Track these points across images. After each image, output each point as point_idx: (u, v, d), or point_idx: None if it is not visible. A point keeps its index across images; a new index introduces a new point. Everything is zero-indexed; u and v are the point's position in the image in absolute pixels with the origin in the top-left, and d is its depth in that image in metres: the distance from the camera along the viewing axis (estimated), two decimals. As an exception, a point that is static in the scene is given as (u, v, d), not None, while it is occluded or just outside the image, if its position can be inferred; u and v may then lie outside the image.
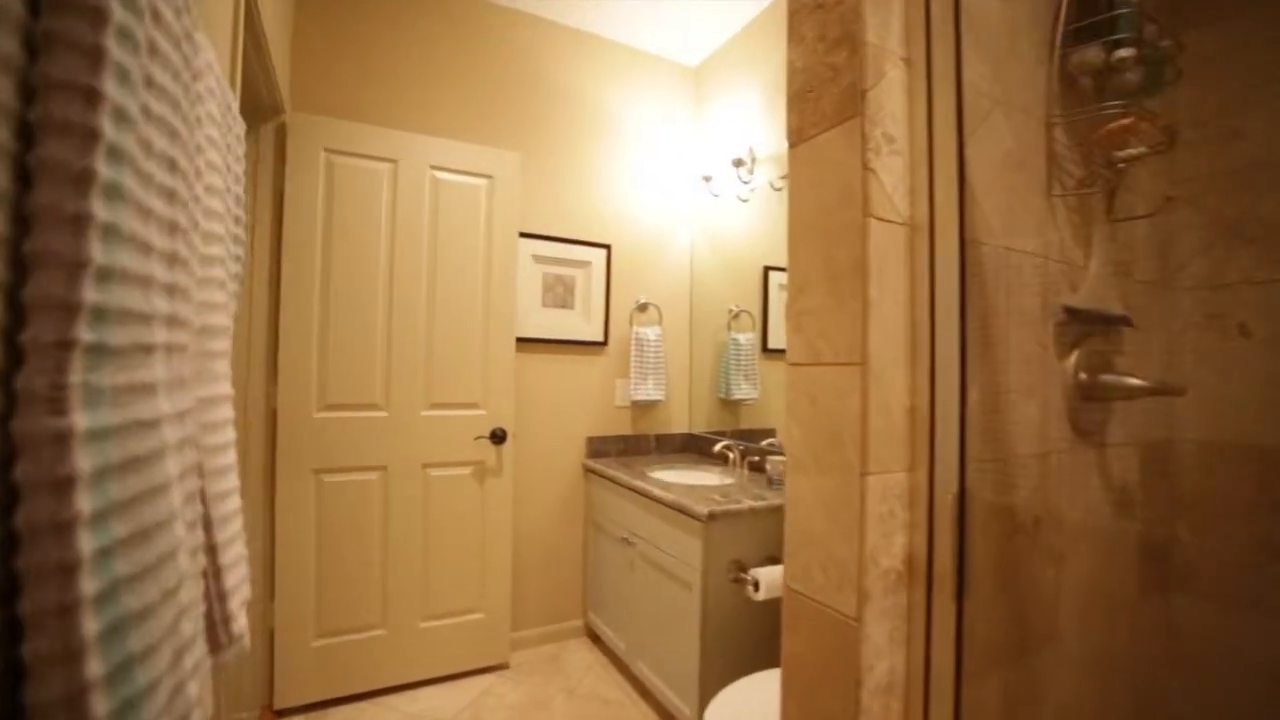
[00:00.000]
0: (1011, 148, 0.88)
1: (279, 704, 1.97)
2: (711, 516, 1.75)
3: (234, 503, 0.59)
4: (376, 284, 2.11)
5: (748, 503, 1.84)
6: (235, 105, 0.75)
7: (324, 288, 2.04)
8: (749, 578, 1.77)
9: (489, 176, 2.31)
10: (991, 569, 0.76)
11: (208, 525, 0.55)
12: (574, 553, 2.61)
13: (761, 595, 1.73)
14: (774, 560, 1.89)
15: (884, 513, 0.73)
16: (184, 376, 0.50)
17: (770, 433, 2.46)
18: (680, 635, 1.87)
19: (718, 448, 2.41)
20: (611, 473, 2.33)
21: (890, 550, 0.73)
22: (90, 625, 0.32)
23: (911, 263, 0.76)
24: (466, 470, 2.25)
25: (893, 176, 0.75)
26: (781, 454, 2.21)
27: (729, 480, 2.25)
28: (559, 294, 2.58)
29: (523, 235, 2.47)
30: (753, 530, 1.86)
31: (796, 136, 0.85)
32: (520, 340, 2.45)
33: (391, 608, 2.13)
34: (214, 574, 0.55)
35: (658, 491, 1.98)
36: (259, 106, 1.96)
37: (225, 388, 0.61)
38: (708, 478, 2.40)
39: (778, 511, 1.88)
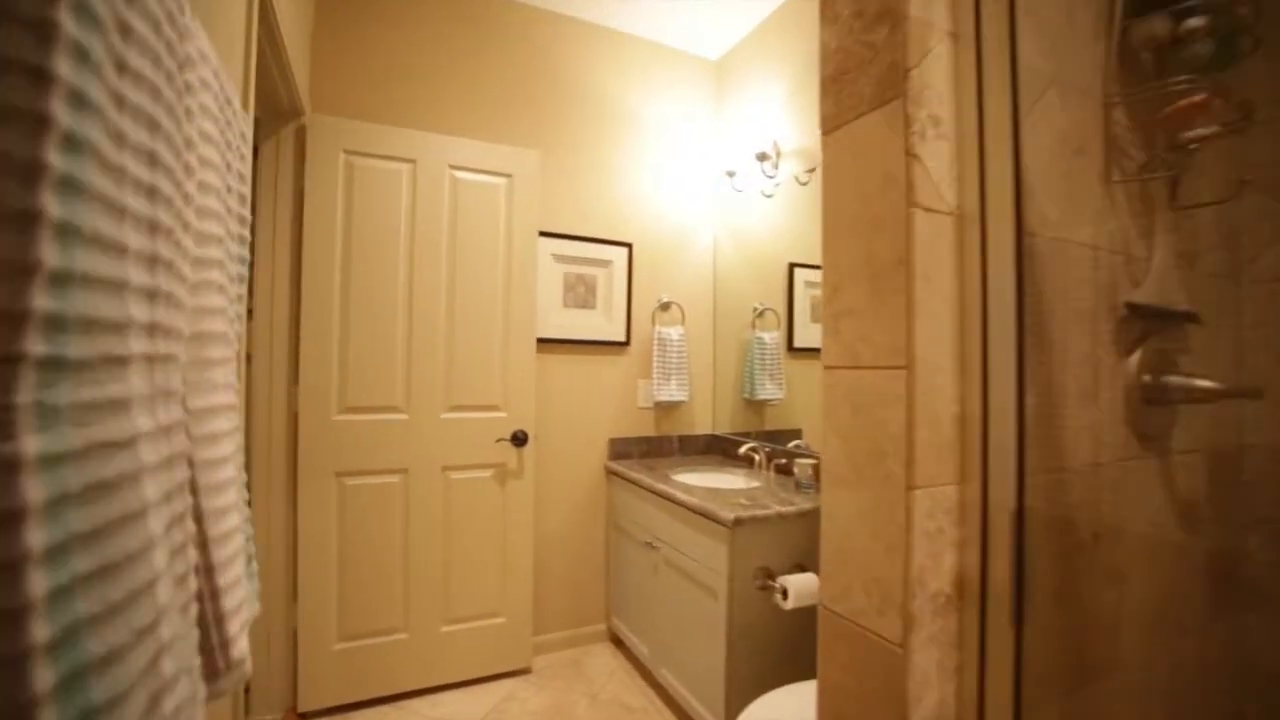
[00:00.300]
0: (1067, 130, 0.81)
1: (303, 706, 1.96)
2: (738, 522, 1.69)
3: (234, 519, 0.55)
4: (396, 285, 2.09)
5: (775, 508, 1.77)
6: (237, 99, 0.72)
7: (344, 289, 2.03)
8: (777, 586, 1.71)
9: (508, 175, 2.28)
10: (1049, 590, 0.70)
11: (204, 545, 0.51)
12: (596, 556, 2.57)
13: (790, 604, 1.67)
14: (802, 568, 1.82)
15: (932, 529, 0.67)
16: (172, 388, 0.46)
17: (797, 433, 2.38)
18: (705, 643, 1.82)
19: (743, 449, 2.35)
20: (634, 475, 2.28)
21: (939, 570, 0.67)
22: (43, 677, 0.29)
23: (960, 256, 0.69)
24: (487, 473, 2.23)
25: (939, 162, 0.69)
26: (809, 456, 2.14)
27: (755, 483, 2.18)
28: (580, 294, 2.54)
29: (542, 234, 2.43)
30: (780, 536, 1.80)
31: (831, 122, 0.79)
32: (541, 341, 2.42)
33: (413, 611, 2.11)
34: (211, 596, 0.51)
35: (681, 495, 1.92)
36: (278, 109, 1.95)
37: (225, 397, 0.58)
38: (733, 480, 2.34)
39: (806, 517, 1.82)
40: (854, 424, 0.72)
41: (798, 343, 2.45)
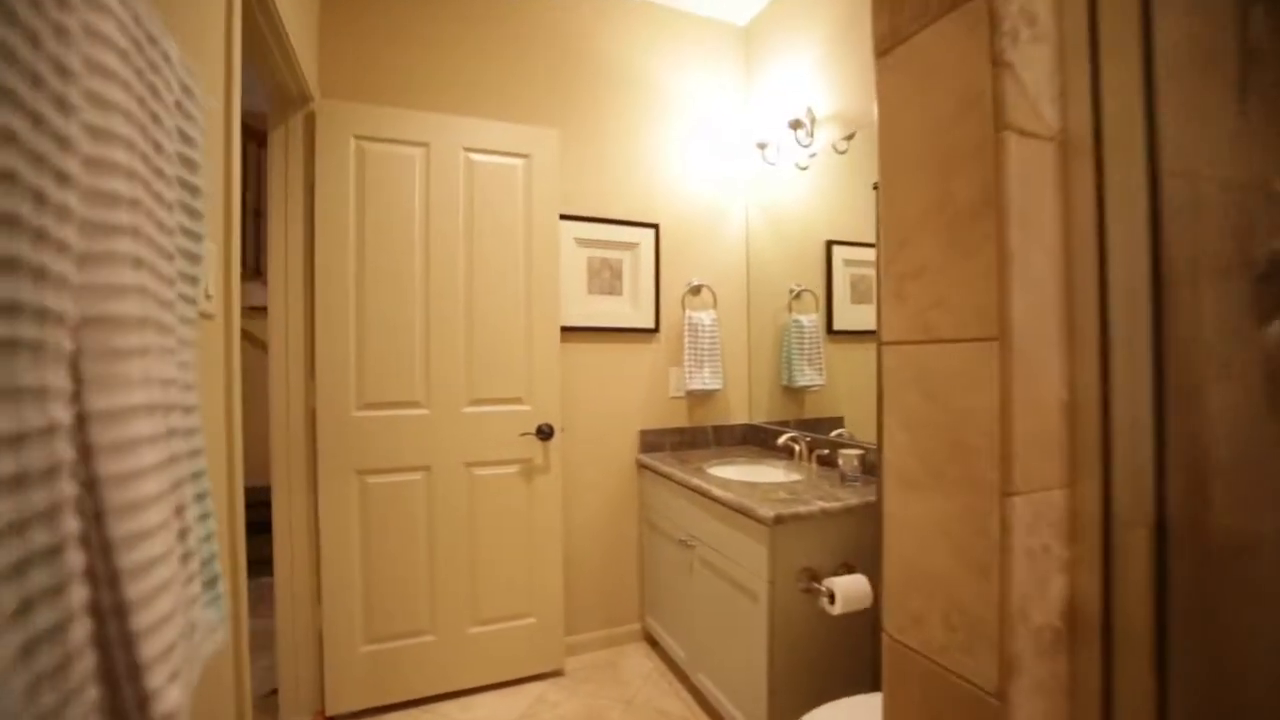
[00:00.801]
0: (1195, 36, 0.64)
1: (331, 709, 1.91)
2: (778, 520, 1.54)
3: (162, 544, 0.45)
4: (412, 275, 2.00)
5: (818, 504, 1.62)
6: (174, 51, 0.61)
7: (359, 281, 1.95)
8: (823, 589, 1.56)
9: (525, 156, 2.16)
10: (1192, 623, 0.54)
11: (113, 580, 0.41)
12: (629, 554, 2.46)
13: (838, 609, 1.52)
14: (849, 568, 1.67)
15: (1036, 547, 0.52)
16: (42, 385, 0.36)
17: (838, 421, 2.22)
18: (746, 648, 1.68)
19: (782, 440, 2.19)
20: (666, 469, 2.15)
21: (1045, 599, 0.52)
22: None
23: (1066, 195, 0.54)
24: (513, 469, 2.13)
25: (1036, 72, 0.53)
26: (855, 446, 1.97)
27: (796, 476, 2.03)
28: (605, 279, 2.41)
29: (564, 217, 2.31)
30: (825, 534, 1.65)
31: (888, 40, 0.64)
32: (565, 329, 2.30)
33: (440, 612, 2.04)
34: (122, 642, 0.41)
35: (717, 491, 1.79)
36: (286, 96, 1.87)
37: (150, 395, 0.47)
38: (772, 473, 2.19)
39: (854, 513, 1.66)
40: (927, 413, 0.57)
41: (838, 325, 2.29)
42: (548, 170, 2.18)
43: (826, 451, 2.12)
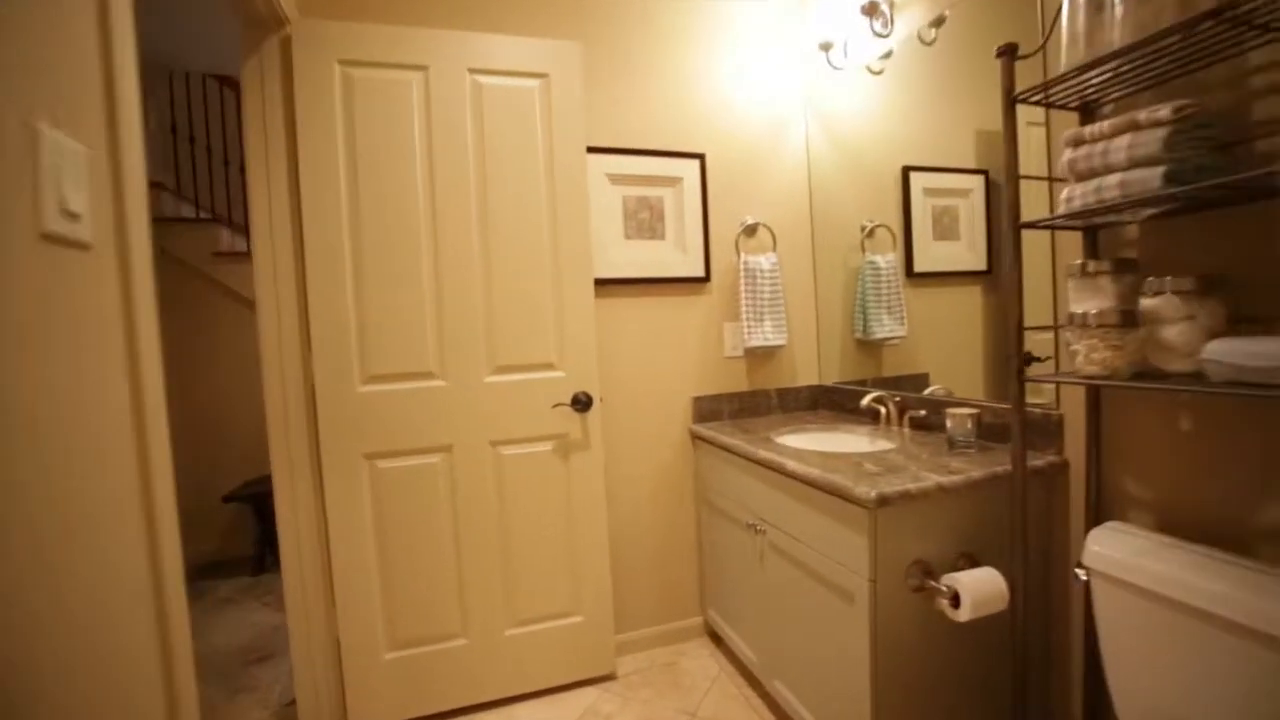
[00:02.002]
0: None
1: (357, 723, 1.69)
2: (883, 501, 1.18)
3: None
4: (416, 224, 1.70)
5: (932, 478, 1.25)
6: None
7: (354, 232, 1.66)
8: (942, 588, 1.20)
9: (543, 75, 1.81)
10: None
11: None
12: (685, 539, 2.14)
13: (965, 614, 1.16)
14: (971, 560, 1.30)
15: None
16: None
17: (923, 379, 1.84)
18: (839, 658, 1.34)
19: (866, 401, 1.81)
20: (726, 440, 1.81)
21: None
22: None
23: None
24: (546, 445, 1.83)
25: None
26: (965, 405, 1.58)
27: (886, 444, 1.65)
28: (644, 221, 2.05)
29: (592, 150, 1.95)
30: (940, 517, 1.28)
31: None
32: (600, 282, 1.97)
33: (472, 613, 1.77)
34: None
35: (793, 465, 1.44)
36: (254, 18, 1.58)
37: None
38: (855, 441, 1.82)
39: (978, 489, 1.28)
40: None
41: (919, 266, 1.88)
42: (569, 92, 1.83)
43: (923, 413, 1.73)
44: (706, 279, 2.11)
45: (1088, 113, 1.22)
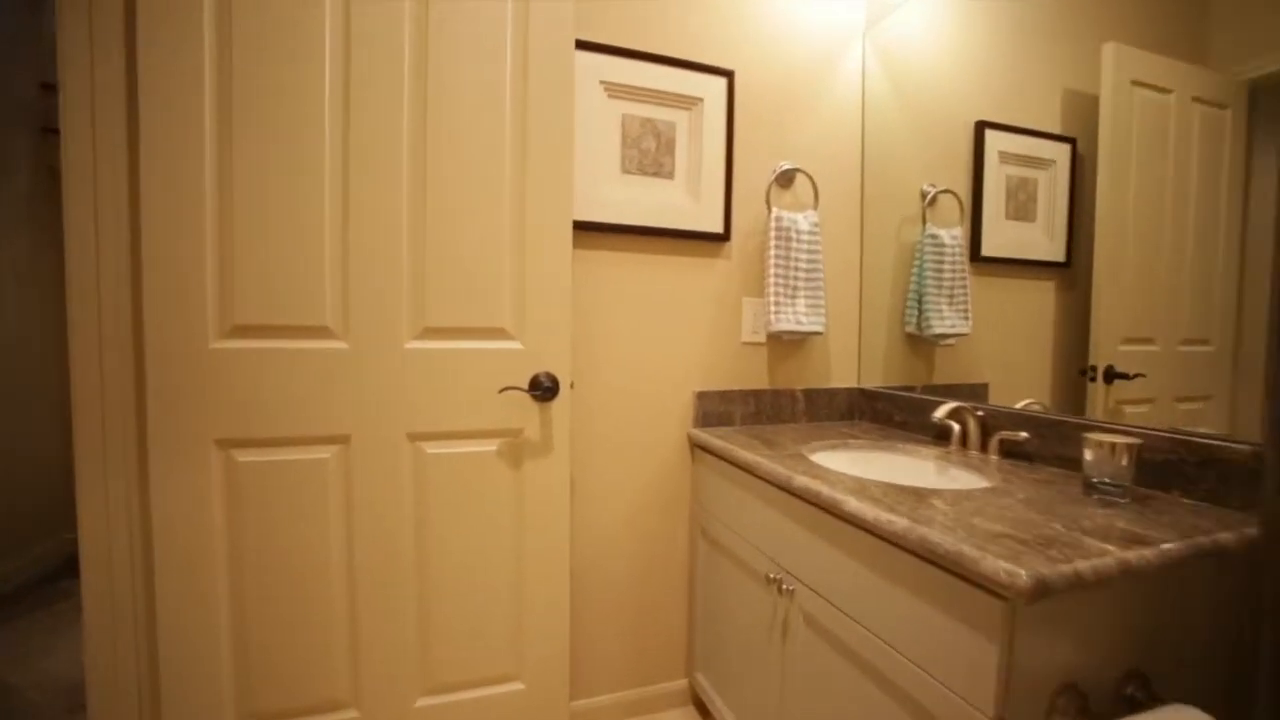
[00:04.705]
0: None
1: (187, 826, 1.15)
2: (1041, 590, 0.67)
3: None
4: (319, 110, 1.16)
5: (1113, 554, 0.73)
6: None
7: (219, 109, 1.11)
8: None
9: (520, -75, 1.27)
10: None
11: None
12: (673, 578, 1.63)
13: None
14: (1146, 687, 0.79)
15: None
16: None
17: (982, 390, 1.38)
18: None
19: (941, 413, 1.30)
20: (742, 454, 1.30)
21: None
22: None
23: None
24: (489, 445, 1.30)
25: None
26: (1115, 431, 1.07)
27: (974, 477, 1.15)
28: (648, 153, 1.53)
29: (583, 46, 1.43)
30: (1106, 614, 0.77)
31: None
32: (581, 226, 1.45)
33: (368, 674, 1.25)
34: None
35: (855, 505, 0.92)
36: None
37: None
38: (922, 469, 1.31)
39: (1167, 571, 0.77)
40: None
41: (986, 249, 1.42)
42: (558, -45, 1.30)
43: (1023, 435, 1.23)
44: (725, 237, 1.59)
45: None
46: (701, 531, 1.55)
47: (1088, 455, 0.99)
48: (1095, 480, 0.98)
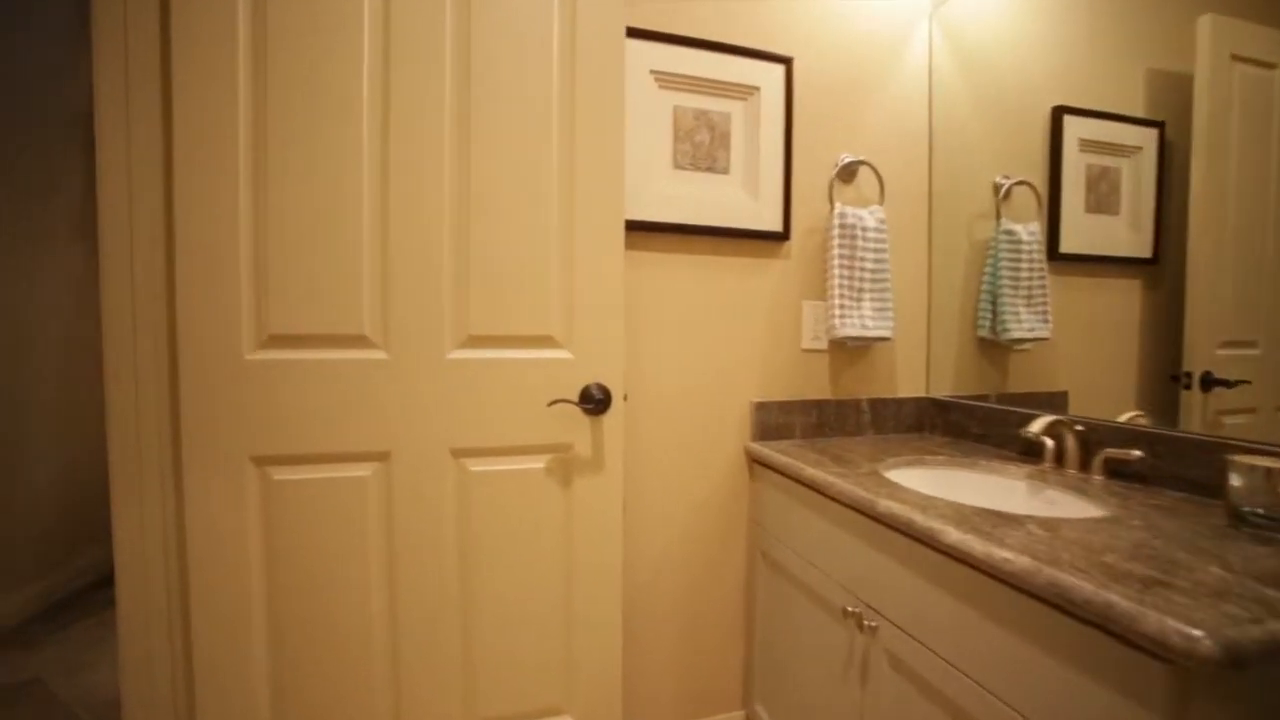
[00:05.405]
0: None
1: None
2: (1234, 660, 0.54)
3: None
4: (357, 110, 1.09)
5: (1303, 609, 0.60)
6: None
7: (255, 132, 1.05)
8: None
9: (567, -93, 1.19)
10: None
11: None
12: (728, 602, 1.51)
13: None
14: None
15: None
16: None
17: (1060, 399, 1.25)
18: None
19: (1037, 427, 1.16)
20: (810, 472, 1.18)
21: None
22: None
23: None
24: (537, 461, 1.22)
25: None
26: (1268, 452, 0.93)
27: (1084, 504, 1.01)
28: (702, 146, 1.43)
29: (634, 34, 1.34)
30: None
31: None
32: (632, 226, 1.35)
33: (410, 704, 1.17)
34: None
35: (957, 536, 0.80)
36: None
37: None
38: (1012, 489, 1.18)
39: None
40: None
41: (1064, 246, 1.30)
42: (606, -63, 1.21)
43: (1136, 454, 1.08)
44: (784, 236, 1.47)
45: None
46: (762, 554, 1.44)
47: (1235, 481, 0.84)
48: (1246, 510, 0.83)
